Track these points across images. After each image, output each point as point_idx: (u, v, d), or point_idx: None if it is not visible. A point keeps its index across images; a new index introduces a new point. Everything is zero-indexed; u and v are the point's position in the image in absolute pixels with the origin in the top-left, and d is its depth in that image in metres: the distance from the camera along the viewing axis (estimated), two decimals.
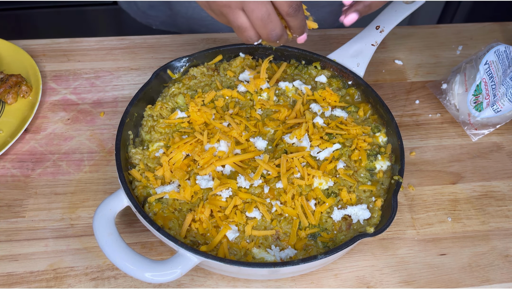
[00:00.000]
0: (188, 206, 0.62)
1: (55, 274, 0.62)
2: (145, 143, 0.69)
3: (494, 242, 0.68)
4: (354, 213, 0.62)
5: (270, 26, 0.57)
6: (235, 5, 0.56)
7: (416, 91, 0.88)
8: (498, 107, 0.77)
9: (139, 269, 0.53)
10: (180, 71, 0.77)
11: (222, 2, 0.56)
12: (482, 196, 0.73)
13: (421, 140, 0.80)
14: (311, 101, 0.74)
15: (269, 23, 0.56)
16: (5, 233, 0.66)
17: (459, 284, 0.63)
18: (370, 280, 0.63)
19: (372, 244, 0.67)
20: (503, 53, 0.78)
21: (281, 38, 0.60)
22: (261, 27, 0.57)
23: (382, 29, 0.78)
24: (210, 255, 0.54)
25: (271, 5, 0.56)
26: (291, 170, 0.63)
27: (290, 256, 0.58)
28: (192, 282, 0.62)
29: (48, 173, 0.73)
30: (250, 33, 0.58)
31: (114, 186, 0.71)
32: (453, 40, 0.98)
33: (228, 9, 0.56)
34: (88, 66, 0.89)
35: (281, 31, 0.58)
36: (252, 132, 0.69)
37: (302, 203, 0.61)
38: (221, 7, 0.57)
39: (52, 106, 0.82)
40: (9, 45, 0.87)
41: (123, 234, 0.66)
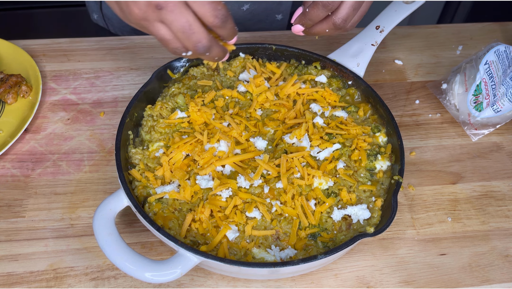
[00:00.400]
0: (188, 206, 0.62)
1: (55, 274, 0.62)
2: (145, 143, 0.69)
3: (494, 242, 0.68)
4: (354, 213, 0.62)
5: (194, 37, 0.52)
6: (152, 18, 0.51)
7: (416, 91, 0.88)
8: (498, 107, 0.77)
9: (139, 269, 0.53)
10: (180, 71, 0.77)
11: (138, 16, 0.51)
12: (482, 196, 0.73)
13: (421, 140, 0.80)
14: (311, 101, 0.74)
15: (191, 34, 0.51)
16: (5, 233, 0.66)
17: (459, 284, 0.63)
18: (370, 280, 0.63)
19: (372, 244, 0.67)
20: (503, 53, 0.78)
21: (212, 50, 0.55)
22: (184, 39, 0.52)
23: (382, 29, 0.78)
24: (210, 255, 0.54)
25: (192, 15, 0.51)
26: (291, 170, 0.63)
27: (290, 256, 0.58)
28: (192, 282, 0.62)
29: (48, 173, 0.73)
30: (175, 45, 0.53)
31: (114, 186, 0.71)
32: (453, 40, 0.98)
33: (146, 22, 0.52)
34: (88, 66, 0.89)
35: (208, 42, 0.53)
36: (252, 132, 0.69)
37: (302, 203, 0.61)
38: (139, 21, 0.52)
39: (52, 106, 0.82)
40: (9, 45, 0.87)
41: (123, 234, 0.66)
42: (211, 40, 0.54)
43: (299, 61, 0.80)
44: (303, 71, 0.78)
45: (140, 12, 0.51)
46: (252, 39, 0.95)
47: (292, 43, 0.93)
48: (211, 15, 0.51)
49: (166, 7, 0.50)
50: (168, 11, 0.50)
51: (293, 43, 0.93)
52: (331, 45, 0.94)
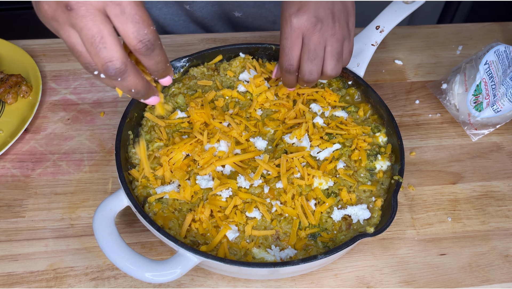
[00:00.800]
0: (188, 206, 0.62)
1: (55, 274, 0.62)
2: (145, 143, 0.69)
3: (494, 242, 0.68)
4: (354, 213, 0.62)
5: (104, 53, 0.43)
6: (62, 19, 0.43)
7: (416, 91, 0.88)
8: (498, 107, 0.77)
9: (139, 269, 0.53)
10: (180, 71, 0.77)
11: (47, 14, 0.43)
12: (482, 196, 0.73)
13: (421, 140, 0.80)
14: (311, 101, 0.74)
15: (102, 49, 0.42)
16: (5, 233, 0.66)
17: (459, 284, 0.63)
18: (370, 280, 0.63)
19: (372, 244, 0.67)
20: (503, 53, 0.78)
21: (127, 77, 0.45)
22: (93, 53, 0.43)
23: (382, 29, 0.78)
24: (210, 255, 0.54)
25: (109, 27, 0.43)
26: (291, 170, 0.63)
27: (290, 256, 0.58)
28: (192, 282, 0.62)
29: (48, 173, 0.73)
30: (85, 59, 0.45)
31: (114, 186, 0.71)
32: (453, 40, 0.98)
33: (56, 23, 0.44)
34: None
35: (122, 64, 0.44)
36: (252, 132, 0.69)
37: (302, 203, 0.61)
38: (49, 20, 0.44)
39: (52, 106, 0.82)
40: (9, 45, 0.87)
41: (123, 234, 0.66)
42: (128, 64, 0.44)
43: None
44: None
45: (49, 9, 0.43)
46: (252, 39, 0.95)
47: None
48: (133, 37, 0.43)
49: (76, 10, 0.42)
50: (78, 15, 0.42)
51: None
52: None
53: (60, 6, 0.42)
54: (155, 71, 0.48)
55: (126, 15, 0.43)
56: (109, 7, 0.42)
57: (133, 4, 0.43)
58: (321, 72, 0.63)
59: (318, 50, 0.61)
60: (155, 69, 0.48)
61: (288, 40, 0.61)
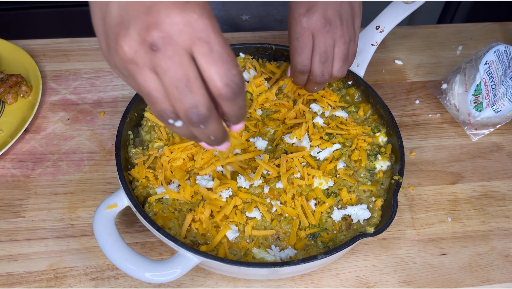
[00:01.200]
0: (188, 206, 0.62)
1: (55, 274, 0.62)
2: (145, 143, 0.69)
3: (494, 242, 0.68)
4: (354, 213, 0.62)
5: (189, 99, 0.38)
6: (143, 62, 0.38)
7: (416, 91, 0.88)
8: (498, 107, 0.77)
9: (139, 269, 0.53)
10: None
11: (127, 55, 0.38)
12: (482, 196, 0.73)
13: (421, 140, 0.80)
14: (311, 101, 0.74)
15: (187, 94, 0.38)
16: (5, 233, 0.66)
17: (459, 284, 0.63)
18: (370, 280, 0.63)
19: (372, 244, 0.67)
20: (503, 53, 0.78)
21: (209, 124, 0.41)
22: (176, 99, 0.39)
23: (382, 29, 0.78)
24: (210, 255, 0.54)
25: (195, 69, 0.38)
26: (291, 170, 0.63)
27: (290, 256, 0.58)
28: (192, 282, 0.62)
29: (48, 173, 0.73)
30: (163, 105, 0.40)
31: (114, 186, 0.71)
32: (453, 40, 0.98)
33: (134, 66, 0.39)
34: (88, 66, 0.89)
35: (208, 110, 0.39)
36: (252, 132, 0.69)
37: (302, 203, 0.61)
38: (126, 63, 0.39)
39: (52, 106, 0.82)
40: (9, 45, 0.87)
41: (123, 234, 0.66)
42: (212, 110, 0.40)
43: None
44: None
45: (130, 50, 0.38)
46: (252, 39, 0.95)
47: None
48: (220, 80, 0.38)
49: (163, 50, 0.37)
50: (164, 56, 0.37)
51: None
52: None
53: (143, 46, 0.38)
54: (234, 117, 0.43)
55: (214, 54, 0.38)
56: (196, 45, 0.38)
57: (222, 41, 0.39)
58: None
59: (329, 51, 0.61)
60: (234, 115, 0.42)
61: (300, 41, 0.61)
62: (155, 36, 0.37)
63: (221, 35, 0.39)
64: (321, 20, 0.60)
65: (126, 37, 0.38)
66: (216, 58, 0.38)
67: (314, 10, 0.60)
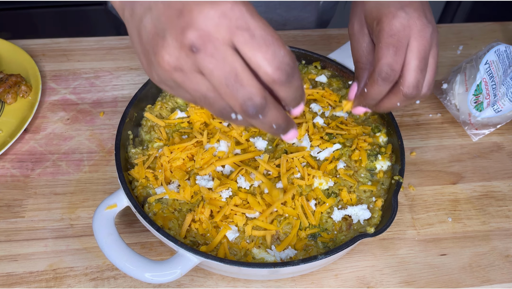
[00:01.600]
0: (188, 206, 0.61)
1: (55, 274, 0.62)
2: (145, 143, 0.69)
3: (494, 242, 0.68)
4: (355, 213, 0.62)
5: (242, 92, 0.37)
6: (188, 66, 0.37)
7: None
8: (499, 107, 0.77)
9: (139, 269, 0.53)
10: None
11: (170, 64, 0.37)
12: (483, 196, 0.73)
13: (421, 140, 0.80)
14: (311, 101, 0.74)
15: (239, 88, 0.37)
16: (5, 233, 0.65)
17: (460, 284, 0.63)
18: (371, 280, 0.63)
19: (373, 244, 0.67)
20: (503, 52, 0.78)
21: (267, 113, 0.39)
22: (228, 95, 0.37)
23: None
24: (210, 255, 0.54)
25: (240, 61, 0.37)
26: (291, 170, 0.63)
27: (290, 256, 0.58)
28: (192, 282, 0.62)
29: (48, 173, 0.72)
30: (220, 104, 0.39)
31: (114, 186, 0.71)
32: (454, 40, 0.98)
33: (180, 74, 0.38)
34: (88, 66, 0.88)
35: (263, 99, 0.38)
36: (252, 132, 0.69)
37: (302, 203, 0.61)
38: (172, 73, 0.38)
39: (52, 106, 0.82)
40: (9, 45, 0.87)
41: (123, 234, 0.65)
42: (267, 98, 0.38)
43: (299, 60, 0.79)
44: (304, 71, 0.78)
45: (171, 58, 0.37)
46: None
47: (292, 43, 0.93)
48: (270, 65, 0.37)
49: (204, 49, 0.36)
50: (207, 55, 0.36)
51: (293, 43, 0.93)
52: (331, 45, 0.94)
53: (183, 50, 0.36)
54: (292, 100, 0.40)
55: (257, 39, 0.36)
56: (236, 35, 0.36)
57: (262, 24, 0.37)
58: None
59: (427, 58, 0.50)
60: (292, 98, 0.40)
61: (396, 38, 0.48)
62: (192, 36, 0.36)
63: (259, 18, 0.37)
64: (423, 20, 0.49)
65: (164, 46, 0.37)
66: (260, 43, 0.37)
67: (413, 7, 0.49)
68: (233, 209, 0.59)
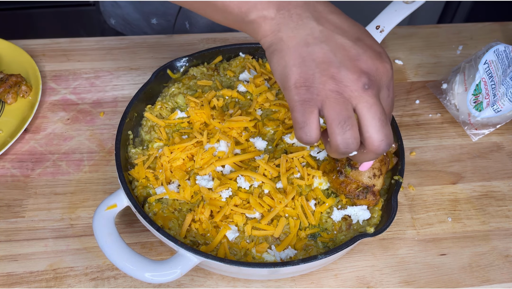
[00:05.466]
0: (188, 206, 0.62)
1: (55, 274, 0.62)
2: (145, 143, 0.69)
3: (494, 242, 0.68)
4: (354, 213, 0.62)
5: (348, 134, 0.45)
6: (314, 102, 0.45)
7: (416, 91, 0.88)
8: (498, 107, 0.77)
9: (139, 269, 0.53)
10: (180, 71, 0.77)
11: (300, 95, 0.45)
12: (482, 196, 0.73)
13: (421, 140, 0.80)
14: None
15: (348, 130, 0.45)
16: (5, 233, 0.66)
17: (459, 284, 0.63)
18: (370, 280, 0.63)
19: (372, 244, 0.67)
20: (502, 52, 0.78)
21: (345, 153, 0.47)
22: (336, 132, 0.45)
23: (382, 29, 0.78)
24: (210, 255, 0.54)
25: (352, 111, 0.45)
26: (291, 170, 0.63)
27: (290, 256, 0.58)
28: (192, 282, 0.62)
29: (48, 173, 0.73)
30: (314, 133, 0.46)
31: (114, 186, 0.71)
32: (453, 40, 0.98)
33: (307, 105, 0.45)
34: (88, 66, 0.89)
35: (356, 146, 0.46)
36: (252, 132, 0.69)
37: (302, 203, 0.61)
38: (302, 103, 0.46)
39: (52, 106, 0.82)
40: (9, 45, 0.87)
41: (123, 234, 0.65)
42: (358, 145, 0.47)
43: None
44: None
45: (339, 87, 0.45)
46: (252, 39, 0.95)
47: None
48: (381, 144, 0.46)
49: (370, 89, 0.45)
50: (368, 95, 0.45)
51: None
52: None
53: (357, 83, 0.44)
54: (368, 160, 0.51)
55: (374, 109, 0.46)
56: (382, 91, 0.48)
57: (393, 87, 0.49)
58: None
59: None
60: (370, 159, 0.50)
61: None
62: (365, 80, 0.44)
63: None
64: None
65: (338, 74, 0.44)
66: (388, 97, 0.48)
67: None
68: (233, 209, 0.60)
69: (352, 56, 0.45)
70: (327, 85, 0.44)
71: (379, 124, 0.45)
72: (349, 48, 0.45)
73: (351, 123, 0.45)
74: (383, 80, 0.46)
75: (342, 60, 0.45)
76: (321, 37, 0.45)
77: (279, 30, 0.46)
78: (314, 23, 0.46)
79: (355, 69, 0.44)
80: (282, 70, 0.46)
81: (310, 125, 0.46)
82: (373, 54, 0.46)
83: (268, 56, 0.48)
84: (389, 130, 0.46)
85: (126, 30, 1.07)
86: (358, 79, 0.44)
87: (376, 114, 0.45)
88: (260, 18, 0.47)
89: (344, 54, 0.45)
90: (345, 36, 0.46)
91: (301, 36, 0.45)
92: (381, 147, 0.46)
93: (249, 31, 0.49)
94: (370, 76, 0.45)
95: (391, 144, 0.47)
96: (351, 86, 0.44)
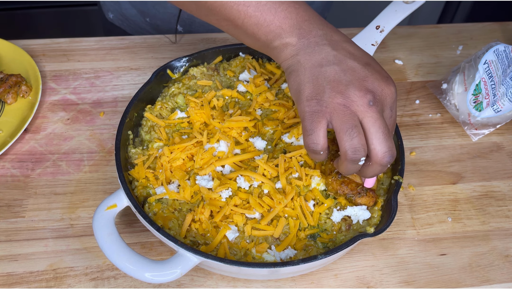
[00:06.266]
0: (188, 206, 0.62)
1: (55, 274, 0.62)
2: (145, 143, 0.69)
3: (494, 242, 0.68)
4: (354, 213, 0.62)
5: (355, 140, 0.49)
6: (323, 113, 0.49)
7: (416, 91, 0.88)
8: (498, 107, 0.77)
9: (139, 269, 0.53)
10: (180, 71, 0.77)
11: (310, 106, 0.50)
12: (482, 196, 0.73)
13: (421, 140, 0.80)
14: None
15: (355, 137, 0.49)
16: (5, 233, 0.66)
17: (459, 284, 0.63)
18: (370, 280, 0.63)
19: (372, 244, 0.67)
20: (502, 52, 0.78)
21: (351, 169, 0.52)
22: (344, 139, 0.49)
23: (382, 29, 0.78)
24: (210, 255, 0.54)
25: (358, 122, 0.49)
26: (290, 170, 0.63)
27: (290, 256, 0.58)
28: (192, 282, 0.62)
29: (48, 173, 0.73)
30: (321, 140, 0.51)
31: (114, 186, 0.71)
32: (453, 40, 0.98)
33: (316, 115, 0.50)
34: (88, 66, 0.89)
35: (364, 152, 0.50)
36: (252, 132, 0.69)
37: (301, 204, 0.61)
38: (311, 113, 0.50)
39: (52, 106, 0.82)
40: (9, 45, 0.87)
41: (123, 234, 0.65)
42: None
43: None
44: None
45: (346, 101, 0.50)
46: None
47: None
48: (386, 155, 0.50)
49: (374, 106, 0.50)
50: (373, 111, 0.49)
51: None
52: None
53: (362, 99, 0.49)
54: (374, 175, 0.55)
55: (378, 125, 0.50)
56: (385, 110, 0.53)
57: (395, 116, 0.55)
58: None
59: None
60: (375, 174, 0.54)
61: None
62: (370, 97, 0.49)
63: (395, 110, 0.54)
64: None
65: (346, 91, 0.49)
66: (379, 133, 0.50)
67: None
68: (233, 209, 0.60)
69: (360, 77, 0.50)
70: (336, 99, 0.49)
71: (383, 137, 0.49)
72: (359, 70, 0.50)
73: (358, 131, 0.49)
74: (387, 101, 0.51)
75: (351, 79, 0.50)
76: (334, 60, 0.51)
77: (297, 54, 0.52)
78: (329, 48, 0.51)
79: (362, 87, 0.49)
80: (297, 86, 0.52)
81: (317, 133, 0.50)
82: (379, 77, 0.51)
83: (287, 76, 0.54)
84: (392, 144, 0.51)
85: (123, 25, 1.07)
86: (364, 96, 0.49)
87: (380, 128, 0.49)
88: (283, 45, 0.53)
89: (353, 74, 0.50)
90: (356, 61, 0.51)
91: (317, 59, 0.51)
92: (385, 158, 0.50)
93: (273, 55, 0.55)
94: (375, 95, 0.49)
95: (394, 156, 0.51)
96: (357, 102, 0.49)
